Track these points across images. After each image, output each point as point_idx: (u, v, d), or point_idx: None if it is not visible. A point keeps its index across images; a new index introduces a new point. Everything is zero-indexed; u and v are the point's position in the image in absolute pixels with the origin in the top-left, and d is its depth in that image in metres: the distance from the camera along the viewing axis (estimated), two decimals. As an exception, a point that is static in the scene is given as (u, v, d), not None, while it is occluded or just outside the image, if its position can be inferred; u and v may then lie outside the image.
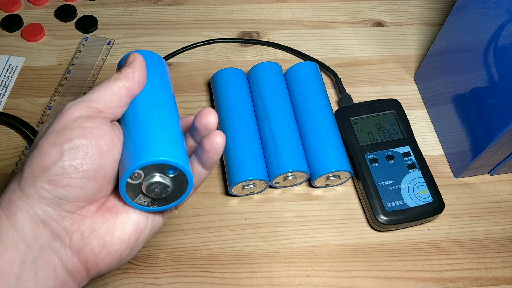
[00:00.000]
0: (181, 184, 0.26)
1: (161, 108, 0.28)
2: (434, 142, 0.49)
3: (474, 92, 0.42)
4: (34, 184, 0.22)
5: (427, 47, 0.57)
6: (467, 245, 0.43)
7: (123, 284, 0.40)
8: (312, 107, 0.46)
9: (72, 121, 0.24)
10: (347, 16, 0.60)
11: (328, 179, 0.43)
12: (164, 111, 0.28)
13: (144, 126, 0.26)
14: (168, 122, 0.27)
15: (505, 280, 0.41)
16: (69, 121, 0.24)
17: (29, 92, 0.52)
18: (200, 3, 0.61)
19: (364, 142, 0.45)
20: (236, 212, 0.44)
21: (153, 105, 0.27)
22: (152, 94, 0.28)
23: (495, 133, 0.39)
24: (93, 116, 0.24)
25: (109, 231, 0.25)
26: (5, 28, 0.57)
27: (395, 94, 0.52)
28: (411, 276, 0.41)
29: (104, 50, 0.56)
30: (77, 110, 0.24)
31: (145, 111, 0.27)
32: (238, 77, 0.48)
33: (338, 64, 0.55)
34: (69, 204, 0.23)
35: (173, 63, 0.55)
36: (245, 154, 0.42)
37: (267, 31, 0.58)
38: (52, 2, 0.60)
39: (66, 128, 0.23)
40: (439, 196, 0.42)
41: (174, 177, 0.25)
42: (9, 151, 0.48)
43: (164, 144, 0.25)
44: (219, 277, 0.41)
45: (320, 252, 0.42)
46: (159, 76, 0.30)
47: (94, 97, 0.25)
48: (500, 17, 0.37)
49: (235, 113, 0.45)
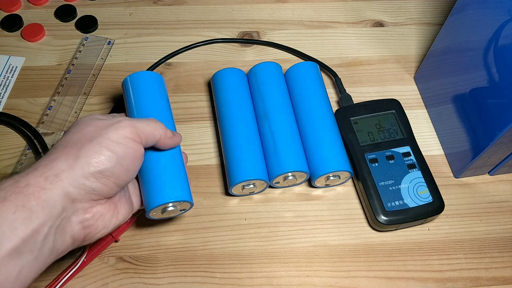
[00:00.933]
0: (184, 206, 0.38)
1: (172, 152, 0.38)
2: (434, 142, 0.49)
3: (474, 92, 0.42)
4: (84, 174, 0.29)
5: (427, 47, 0.57)
6: (467, 245, 0.43)
7: (123, 284, 0.40)
8: (312, 107, 0.46)
9: (122, 137, 0.31)
10: (347, 16, 0.60)
11: (328, 179, 0.43)
12: (173, 154, 0.38)
13: (160, 169, 0.36)
14: (177, 164, 0.37)
15: (505, 280, 0.41)
16: (120, 136, 0.31)
17: (29, 92, 0.52)
18: (200, 3, 0.61)
19: (364, 142, 0.45)
20: (236, 212, 0.44)
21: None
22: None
23: (495, 133, 0.39)
24: (136, 141, 0.32)
25: (110, 218, 0.32)
26: (5, 28, 0.57)
27: (395, 94, 0.52)
28: (411, 276, 0.41)
29: (104, 50, 0.56)
30: (128, 131, 0.31)
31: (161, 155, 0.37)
32: (238, 77, 0.48)
33: (338, 64, 0.55)
34: (96, 195, 0.30)
35: (173, 63, 0.55)
36: (245, 154, 0.42)
37: (267, 31, 0.58)
38: (52, 2, 0.60)
39: (119, 142, 0.31)
40: (439, 196, 0.42)
41: (181, 203, 0.37)
42: (9, 151, 0.48)
43: (176, 185, 0.36)
44: (219, 277, 0.41)
45: (320, 252, 0.42)
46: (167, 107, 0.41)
47: (142, 127, 0.33)
48: (500, 17, 0.37)
49: (235, 113, 0.45)
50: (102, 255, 0.41)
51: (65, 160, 0.29)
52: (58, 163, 0.28)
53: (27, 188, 0.27)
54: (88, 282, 0.40)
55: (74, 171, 0.28)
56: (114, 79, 0.53)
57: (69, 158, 0.29)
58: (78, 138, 0.30)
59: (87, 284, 0.40)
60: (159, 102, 0.41)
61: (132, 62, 0.55)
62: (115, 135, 0.31)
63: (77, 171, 0.28)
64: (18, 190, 0.26)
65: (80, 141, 0.30)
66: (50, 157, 0.29)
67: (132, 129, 0.32)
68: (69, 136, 0.31)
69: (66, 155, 0.29)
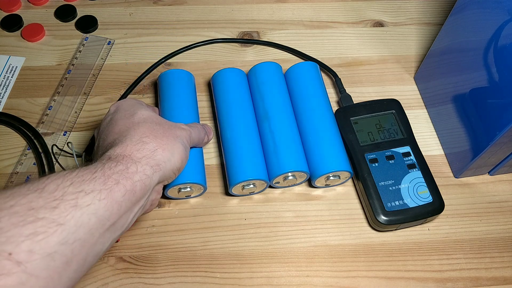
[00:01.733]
0: (199, 188, 0.43)
1: None
2: (434, 142, 0.49)
3: (474, 92, 0.42)
4: (173, 169, 0.35)
5: (427, 47, 0.57)
6: (467, 245, 0.43)
7: (123, 284, 0.40)
8: (312, 107, 0.46)
9: (188, 142, 0.38)
10: (347, 16, 0.60)
11: (328, 179, 0.43)
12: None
13: None
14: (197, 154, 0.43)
15: (505, 280, 0.41)
16: (187, 142, 0.38)
17: (29, 92, 0.52)
18: (200, 3, 0.61)
19: (364, 142, 0.45)
20: (236, 212, 0.44)
21: None
22: None
23: (495, 133, 0.39)
24: (187, 146, 0.38)
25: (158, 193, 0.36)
26: (5, 28, 0.57)
27: (395, 94, 0.52)
28: (411, 276, 0.41)
29: (104, 50, 0.56)
30: (187, 137, 0.38)
31: None
32: (238, 77, 0.48)
33: (338, 64, 0.55)
34: (160, 185, 0.35)
35: (173, 63, 0.55)
36: (245, 154, 0.42)
37: (267, 31, 0.58)
38: (52, 2, 0.60)
39: (186, 147, 0.37)
40: (439, 196, 0.42)
41: (195, 185, 0.42)
42: (9, 151, 0.48)
43: (191, 170, 0.41)
44: (219, 277, 0.41)
45: (320, 252, 0.42)
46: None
47: (194, 136, 0.40)
48: (500, 17, 0.37)
49: (235, 113, 0.45)
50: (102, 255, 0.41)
51: (162, 152, 0.34)
52: (157, 155, 0.33)
53: (135, 175, 0.31)
54: (88, 282, 0.40)
55: (169, 165, 0.34)
56: (114, 79, 0.53)
57: (165, 152, 0.34)
58: (162, 129, 0.36)
59: (87, 284, 0.40)
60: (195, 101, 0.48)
61: (132, 62, 0.55)
62: (185, 139, 0.37)
63: (169, 166, 0.34)
64: (128, 175, 0.30)
65: (165, 135, 0.35)
66: (147, 145, 0.33)
67: (189, 135, 0.39)
68: (150, 120, 0.36)
69: (163, 148, 0.34)
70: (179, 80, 0.47)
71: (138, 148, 0.33)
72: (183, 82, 0.47)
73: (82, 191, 0.27)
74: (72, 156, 0.46)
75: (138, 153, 0.32)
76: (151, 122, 0.36)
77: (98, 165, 0.30)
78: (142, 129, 0.35)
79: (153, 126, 0.35)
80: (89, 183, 0.28)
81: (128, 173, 0.30)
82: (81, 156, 0.46)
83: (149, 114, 0.37)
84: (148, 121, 0.36)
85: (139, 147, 0.33)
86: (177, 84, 0.47)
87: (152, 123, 0.36)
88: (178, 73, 0.48)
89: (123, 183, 0.30)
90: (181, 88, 0.47)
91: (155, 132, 0.35)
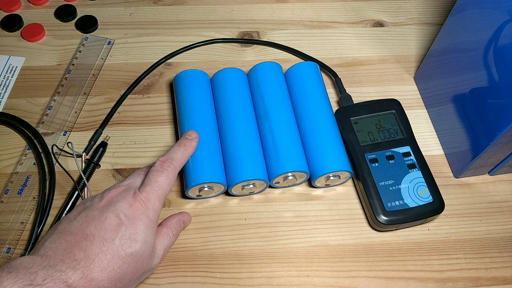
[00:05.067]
0: (218, 190, 0.43)
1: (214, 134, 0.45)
2: (434, 142, 0.49)
3: (474, 92, 0.42)
4: None
5: (427, 47, 0.57)
6: (467, 245, 0.43)
7: (123, 284, 0.40)
8: (312, 107, 0.46)
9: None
10: (347, 16, 0.60)
11: (328, 179, 0.43)
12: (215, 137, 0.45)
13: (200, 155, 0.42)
14: (215, 149, 0.44)
15: (505, 280, 0.41)
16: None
17: (29, 92, 0.52)
18: (200, 3, 0.61)
19: (364, 142, 0.45)
20: (236, 212, 0.44)
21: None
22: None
23: (495, 133, 0.39)
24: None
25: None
26: (5, 28, 0.57)
27: (395, 94, 0.53)
28: (411, 276, 0.41)
29: (104, 50, 0.56)
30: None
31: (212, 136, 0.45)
32: (238, 77, 0.48)
33: (338, 64, 0.55)
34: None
35: (173, 63, 0.55)
36: (245, 154, 0.42)
37: (267, 31, 0.58)
38: (52, 2, 0.60)
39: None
40: (439, 196, 0.42)
41: (213, 184, 0.42)
42: (9, 151, 0.48)
43: (208, 169, 0.42)
44: (219, 277, 0.41)
45: (320, 252, 0.42)
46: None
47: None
48: (500, 17, 0.37)
49: (235, 113, 0.45)
50: (102, 255, 0.41)
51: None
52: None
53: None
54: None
55: None
56: (114, 79, 0.53)
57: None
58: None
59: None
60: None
61: (132, 62, 0.55)
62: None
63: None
64: (58, 274, 0.30)
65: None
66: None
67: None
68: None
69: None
70: (200, 82, 0.48)
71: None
72: (203, 84, 0.48)
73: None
74: (72, 156, 0.46)
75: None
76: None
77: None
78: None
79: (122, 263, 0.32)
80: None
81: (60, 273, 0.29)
82: (81, 156, 0.46)
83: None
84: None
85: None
86: (198, 87, 0.47)
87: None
88: (200, 74, 0.48)
89: (50, 285, 0.28)
90: (203, 92, 0.47)
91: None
